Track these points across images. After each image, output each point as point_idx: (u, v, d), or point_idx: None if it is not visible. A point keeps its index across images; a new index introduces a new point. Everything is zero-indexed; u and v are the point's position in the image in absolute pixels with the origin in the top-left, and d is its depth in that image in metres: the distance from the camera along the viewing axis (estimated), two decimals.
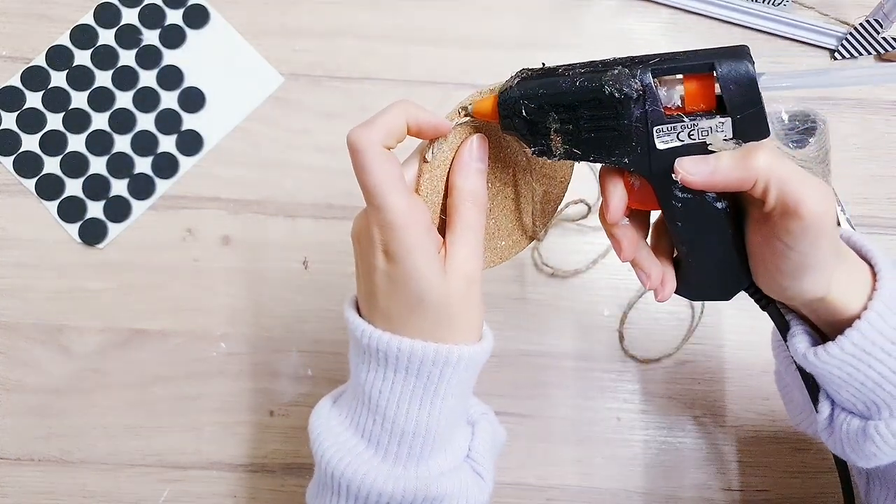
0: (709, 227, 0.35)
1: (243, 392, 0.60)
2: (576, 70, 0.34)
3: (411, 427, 0.36)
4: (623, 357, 0.60)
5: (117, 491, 0.59)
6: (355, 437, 0.37)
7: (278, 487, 0.59)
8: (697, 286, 0.39)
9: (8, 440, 0.60)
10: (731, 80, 0.31)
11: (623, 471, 0.59)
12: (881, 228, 0.62)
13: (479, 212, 0.36)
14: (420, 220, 0.34)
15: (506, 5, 0.67)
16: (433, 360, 0.35)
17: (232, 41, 0.66)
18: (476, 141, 0.37)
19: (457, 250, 0.35)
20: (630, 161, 0.33)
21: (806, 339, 0.38)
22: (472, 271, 0.35)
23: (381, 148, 0.33)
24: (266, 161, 0.64)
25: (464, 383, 0.37)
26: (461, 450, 0.39)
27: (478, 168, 0.37)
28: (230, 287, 0.62)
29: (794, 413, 0.45)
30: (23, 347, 0.61)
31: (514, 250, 0.42)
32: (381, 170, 0.33)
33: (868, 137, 0.64)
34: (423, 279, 0.34)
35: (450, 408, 0.36)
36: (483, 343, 0.37)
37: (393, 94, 0.65)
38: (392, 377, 0.35)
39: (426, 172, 0.36)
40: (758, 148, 0.32)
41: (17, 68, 0.65)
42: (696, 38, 0.66)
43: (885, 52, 0.63)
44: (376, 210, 0.33)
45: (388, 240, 0.33)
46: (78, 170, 0.64)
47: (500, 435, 0.43)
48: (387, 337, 0.35)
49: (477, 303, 0.36)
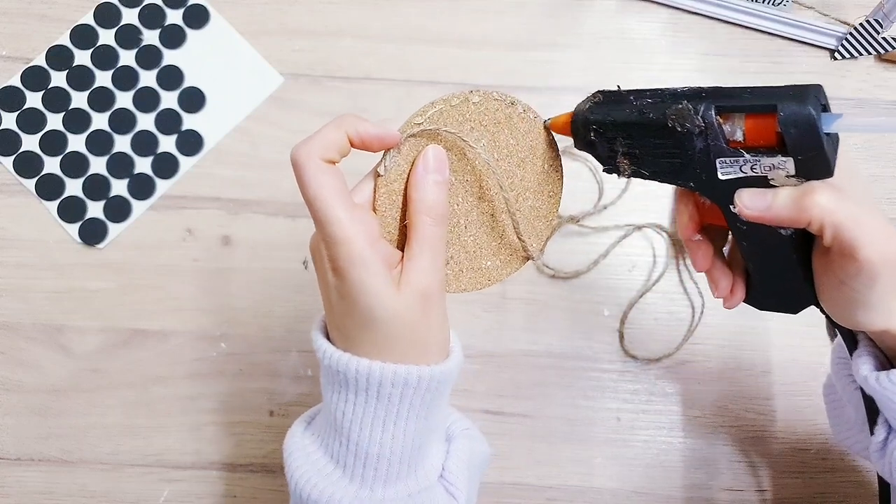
0: (773, 250, 0.36)
1: (243, 392, 0.60)
2: (644, 99, 0.34)
3: (375, 449, 0.35)
4: (623, 357, 0.60)
5: (117, 491, 0.59)
6: (325, 457, 0.37)
7: (278, 487, 0.59)
8: (764, 299, 0.40)
9: (8, 440, 0.60)
10: (792, 124, 0.30)
11: (623, 471, 0.59)
12: None
13: (435, 225, 0.35)
14: (363, 232, 0.33)
15: (506, 5, 0.67)
16: (392, 381, 0.34)
17: (232, 41, 0.66)
18: (431, 152, 0.35)
19: (412, 265, 0.34)
20: (696, 185, 0.34)
21: (871, 361, 0.38)
22: (428, 286, 0.34)
23: (321, 161, 0.33)
24: (266, 161, 0.64)
25: (429, 404, 0.36)
26: (434, 469, 0.38)
27: (434, 180, 0.35)
28: (230, 287, 0.62)
29: (841, 429, 0.45)
30: (23, 347, 0.61)
31: (504, 271, 0.40)
32: (318, 182, 0.32)
33: (868, 137, 0.64)
34: (370, 294, 0.33)
35: (415, 429, 0.35)
36: (447, 362, 0.36)
37: (393, 94, 0.65)
38: (354, 399, 0.35)
39: (381, 187, 0.35)
40: (816, 189, 0.32)
41: (17, 68, 0.65)
42: (696, 38, 0.66)
43: (885, 52, 0.63)
44: (319, 224, 0.33)
45: (333, 254, 0.33)
46: (78, 170, 0.64)
47: (482, 452, 0.42)
48: (346, 358, 0.34)
49: (438, 320, 0.35)
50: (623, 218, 0.62)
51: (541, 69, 0.66)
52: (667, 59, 0.66)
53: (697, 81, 0.65)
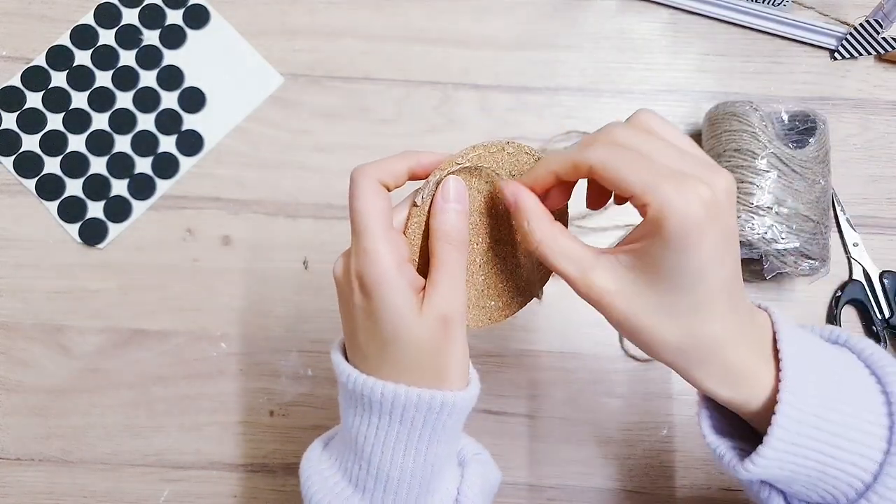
0: None
1: (243, 392, 0.60)
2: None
3: (396, 473, 0.35)
4: (623, 357, 0.60)
5: (117, 491, 0.59)
6: (343, 481, 0.37)
7: (278, 487, 0.59)
8: None
9: (8, 440, 0.60)
10: None
11: (623, 471, 0.59)
12: (881, 228, 0.62)
13: (455, 251, 0.36)
14: (394, 252, 0.33)
15: (506, 5, 0.67)
16: (416, 405, 0.34)
17: (232, 41, 0.66)
18: (452, 182, 0.36)
19: (433, 290, 0.35)
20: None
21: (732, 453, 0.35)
22: (449, 311, 0.34)
23: (376, 182, 0.35)
24: (266, 161, 0.64)
25: (449, 429, 0.36)
26: (449, 494, 0.38)
27: (454, 209, 0.36)
28: (230, 287, 0.62)
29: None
30: (23, 347, 0.61)
31: (504, 313, 0.40)
32: (367, 198, 0.34)
33: (868, 137, 0.64)
34: (395, 313, 0.33)
35: (435, 454, 0.36)
36: (470, 389, 0.36)
37: (393, 94, 0.65)
38: (377, 422, 0.35)
39: (414, 216, 0.37)
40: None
41: (17, 68, 0.65)
42: (696, 38, 0.66)
43: (884, 52, 0.63)
44: (357, 236, 0.34)
45: (362, 269, 0.33)
46: (78, 170, 0.64)
47: (494, 477, 0.42)
48: (371, 381, 0.34)
49: (458, 345, 0.35)
50: (623, 218, 0.62)
51: (541, 69, 0.66)
52: (667, 59, 0.66)
53: (697, 81, 0.65)
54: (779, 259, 0.55)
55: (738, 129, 0.57)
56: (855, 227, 0.61)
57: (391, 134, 0.64)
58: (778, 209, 0.55)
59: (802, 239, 0.55)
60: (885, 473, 0.32)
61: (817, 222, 0.56)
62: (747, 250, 0.55)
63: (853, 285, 0.60)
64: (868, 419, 0.33)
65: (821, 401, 0.32)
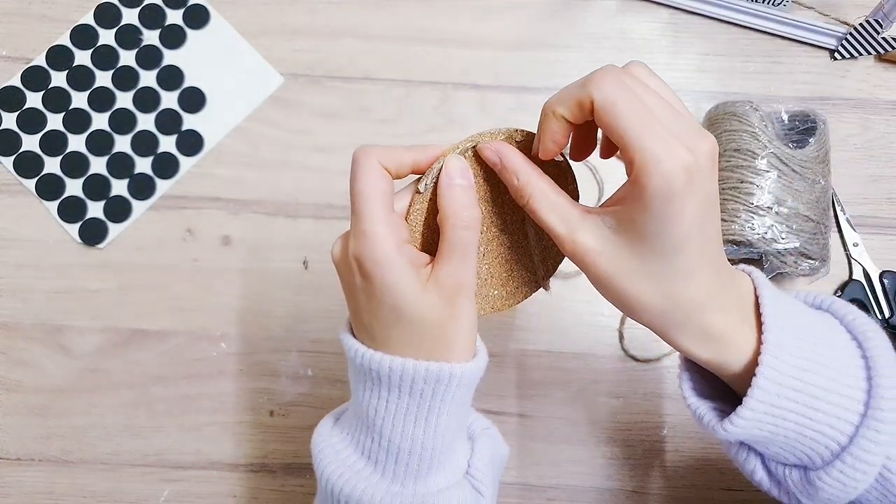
0: None
1: (243, 392, 0.60)
2: None
3: (407, 445, 0.36)
4: (623, 357, 0.60)
5: (117, 491, 0.59)
6: (355, 454, 0.37)
7: (278, 487, 0.59)
8: None
9: (8, 440, 0.60)
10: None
11: (623, 471, 0.59)
12: (881, 228, 0.62)
13: (465, 229, 0.35)
14: (392, 234, 0.33)
15: (506, 5, 0.67)
16: (424, 378, 0.34)
17: (232, 41, 0.66)
18: (453, 161, 0.36)
19: (440, 266, 0.35)
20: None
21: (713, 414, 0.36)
22: (454, 285, 0.35)
23: (378, 164, 0.34)
24: (266, 161, 0.64)
25: (458, 400, 0.36)
26: (460, 466, 0.38)
27: (460, 185, 0.36)
28: (230, 287, 0.62)
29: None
30: (23, 347, 0.61)
31: (507, 302, 0.40)
32: (368, 180, 0.34)
33: (868, 137, 0.64)
34: (395, 292, 0.33)
35: (446, 425, 0.36)
36: (477, 360, 0.37)
37: (393, 94, 0.65)
38: (387, 396, 0.35)
39: (416, 203, 0.37)
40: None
41: (18, 68, 0.65)
42: (696, 38, 0.66)
43: (884, 52, 0.63)
44: (356, 217, 0.34)
45: (360, 252, 0.33)
46: (78, 170, 0.64)
47: (502, 450, 0.43)
48: (378, 356, 0.35)
49: (465, 320, 0.36)
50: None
51: (541, 69, 0.66)
52: (667, 59, 0.66)
53: (697, 81, 0.65)
54: (779, 259, 0.55)
55: (738, 129, 0.57)
56: (855, 227, 0.61)
57: (391, 134, 0.64)
58: (778, 209, 0.55)
59: (802, 239, 0.55)
60: (860, 436, 0.33)
61: (817, 222, 0.56)
62: (747, 250, 0.55)
63: (853, 285, 0.60)
64: (847, 383, 0.33)
65: (801, 363, 0.33)
